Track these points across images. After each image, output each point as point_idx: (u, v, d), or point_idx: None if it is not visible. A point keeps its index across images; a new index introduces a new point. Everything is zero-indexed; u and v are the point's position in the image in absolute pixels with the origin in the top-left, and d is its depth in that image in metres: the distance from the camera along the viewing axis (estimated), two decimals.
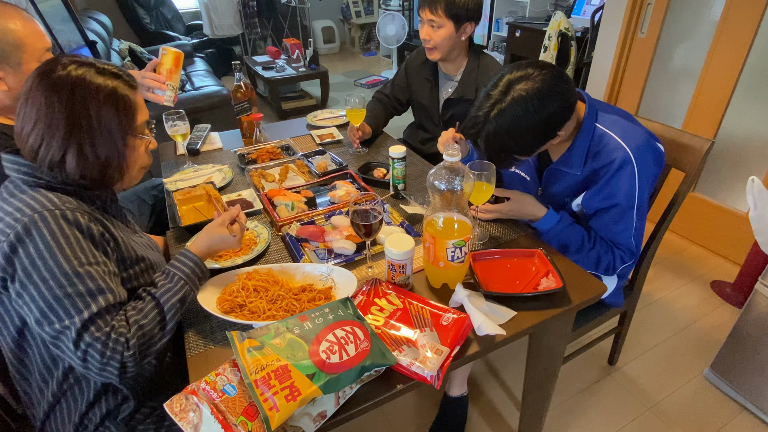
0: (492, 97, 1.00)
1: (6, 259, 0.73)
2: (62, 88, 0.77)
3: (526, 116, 0.98)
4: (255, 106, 1.74)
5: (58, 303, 0.73)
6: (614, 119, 1.11)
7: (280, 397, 0.67)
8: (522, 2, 4.18)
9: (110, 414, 0.90)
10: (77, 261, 0.75)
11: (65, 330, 0.73)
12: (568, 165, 1.14)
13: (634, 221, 1.11)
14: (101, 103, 0.79)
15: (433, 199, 0.96)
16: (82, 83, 0.78)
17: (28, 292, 0.74)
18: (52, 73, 0.78)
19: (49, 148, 0.78)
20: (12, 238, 0.73)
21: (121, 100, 0.81)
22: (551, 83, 0.98)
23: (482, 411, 1.56)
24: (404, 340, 0.85)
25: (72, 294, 0.74)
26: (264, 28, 5.58)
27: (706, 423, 1.50)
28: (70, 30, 2.45)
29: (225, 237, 0.95)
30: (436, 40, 1.58)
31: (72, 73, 0.78)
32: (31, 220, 0.74)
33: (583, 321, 1.33)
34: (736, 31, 1.96)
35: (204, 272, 0.91)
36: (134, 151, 0.87)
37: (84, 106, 0.78)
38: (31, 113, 0.78)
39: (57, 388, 0.87)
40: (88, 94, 0.78)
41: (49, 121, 0.77)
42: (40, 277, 0.73)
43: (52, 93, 0.77)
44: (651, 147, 1.08)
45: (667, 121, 2.27)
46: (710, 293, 2.04)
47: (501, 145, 1.03)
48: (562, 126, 1.03)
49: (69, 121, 0.77)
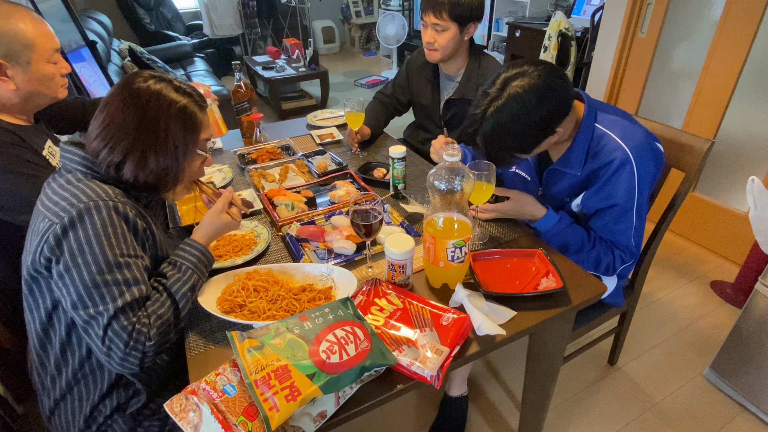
0: (489, 95, 1.01)
1: (56, 241, 0.78)
2: (139, 97, 0.83)
3: (523, 112, 0.98)
4: (255, 106, 1.74)
5: (96, 288, 0.77)
6: (613, 119, 1.11)
7: (280, 397, 0.67)
8: (522, 2, 4.19)
9: (120, 407, 0.92)
10: (119, 251, 0.80)
11: (98, 316, 0.77)
12: (567, 165, 1.14)
13: (633, 221, 1.11)
14: (171, 117, 0.85)
15: (433, 199, 0.96)
16: (158, 96, 0.84)
17: (70, 274, 0.77)
18: (133, 83, 0.84)
19: (113, 150, 0.83)
20: (66, 221, 0.77)
21: (189, 116, 0.87)
22: (547, 80, 0.98)
23: (482, 411, 1.56)
24: (404, 340, 0.85)
25: (110, 281, 0.78)
26: (264, 28, 5.58)
27: (706, 423, 1.50)
28: (70, 30, 2.45)
29: (228, 222, 0.99)
30: (440, 42, 1.57)
31: (152, 87, 0.84)
32: (86, 207, 0.78)
33: (583, 321, 1.33)
34: (736, 31, 1.96)
35: (210, 259, 0.94)
36: (191, 164, 0.91)
37: (155, 117, 0.83)
38: (105, 116, 0.83)
39: (72, 376, 0.89)
40: (161, 107, 0.84)
41: (121, 125, 0.82)
42: (84, 261, 0.77)
43: (130, 100, 0.83)
44: (650, 147, 1.08)
45: (667, 121, 2.27)
46: (710, 293, 2.04)
47: (499, 142, 1.03)
48: (560, 122, 1.03)
49: (139, 129, 0.82)
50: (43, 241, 0.78)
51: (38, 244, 0.79)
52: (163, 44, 4.37)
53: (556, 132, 1.04)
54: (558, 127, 1.03)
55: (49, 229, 0.78)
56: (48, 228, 0.78)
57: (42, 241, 0.79)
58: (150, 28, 4.88)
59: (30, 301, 0.87)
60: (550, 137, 1.05)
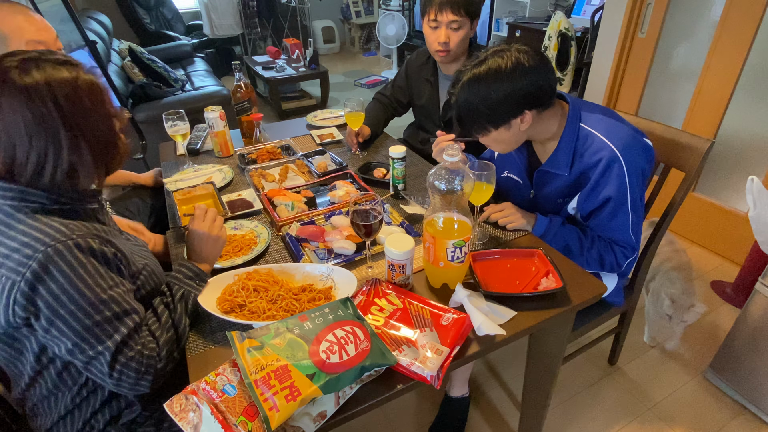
0: (472, 62, 1.07)
1: (27, 299, 0.71)
2: (40, 93, 0.71)
3: (497, 80, 1.03)
4: (255, 106, 1.74)
5: (89, 332, 0.74)
6: (598, 118, 1.12)
7: (280, 397, 0.67)
8: (522, 2, 4.19)
9: (113, 419, 0.91)
10: (99, 288, 0.75)
11: (98, 356, 0.75)
12: (555, 166, 1.16)
13: (629, 216, 1.11)
14: (85, 94, 0.75)
15: (433, 199, 0.96)
16: (59, 82, 0.73)
17: (56, 326, 0.73)
18: (14, 82, 0.70)
19: (59, 160, 0.74)
20: (29, 277, 0.70)
21: (94, 85, 0.77)
22: (527, 63, 1.02)
23: (482, 411, 1.56)
24: (404, 340, 0.85)
25: (101, 321, 0.75)
26: (264, 28, 5.58)
27: (706, 423, 1.50)
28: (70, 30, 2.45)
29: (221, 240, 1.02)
30: (455, 41, 1.54)
31: (39, 77, 0.71)
32: (45, 256, 0.71)
33: (583, 321, 1.33)
34: (736, 31, 1.96)
35: (195, 272, 0.94)
36: (116, 128, 0.83)
37: (72, 104, 0.73)
38: (16, 133, 0.71)
39: (70, 401, 0.87)
40: (71, 91, 0.73)
41: (48, 133, 0.72)
42: (67, 311, 0.73)
43: (34, 103, 0.70)
44: (638, 143, 1.09)
45: (667, 121, 2.27)
46: (710, 293, 2.03)
47: (470, 104, 1.06)
48: (531, 106, 1.05)
49: (68, 124, 0.73)
50: (11, 301, 0.71)
51: (6, 306, 0.72)
52: (163, 44, 4.36)
53: (525, 114, 1.05)
54: (528, 111, 1.05)
55: (12, 288, 0.71)
56: (11, 287, 0.71)
57: (10, 302, 0.72)
58: (150, 28, 4.88)
59: (11, 352, 0.82)
60: (519, 119, 1.06)
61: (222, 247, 1.03)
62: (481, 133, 1.12)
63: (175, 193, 1.34)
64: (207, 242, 0.99)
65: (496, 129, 1.08)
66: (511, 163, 1.31)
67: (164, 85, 3.22)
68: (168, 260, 1.17)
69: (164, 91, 3.09)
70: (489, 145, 1.17)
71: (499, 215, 1.20)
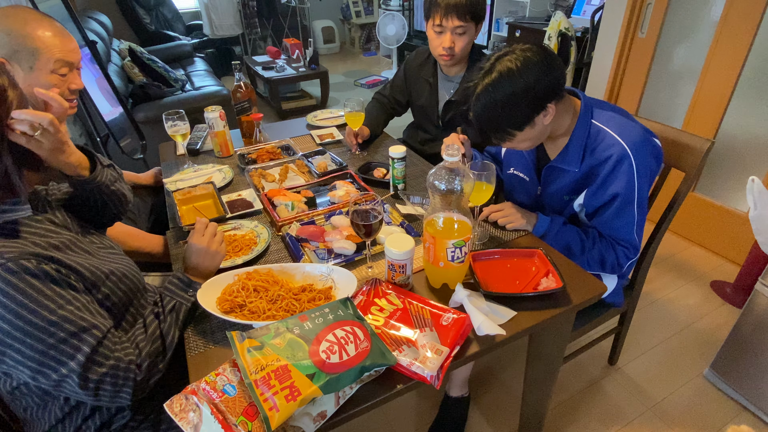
0: (482, 69, 1.06)
1: None
2: None
3: (512, 84, 1.01)
4: (255, 106, 1.74)
5: (46, 357, 0.69)
6: (610, 115, 1.11)
7: (280, 397, 0.67)
8: (522, 2, 4.18)
9: (104, 425, 0.90)
10: (47, 310, 0.70)
11: (65, 378, 0.71)
12: (565, 162, 1.15)
13: (635, 216, 1.11)
14: None
15: (433, 199, 0.96)
16: None
17: (9, 356, 0.69)
18: None
19: None
20: None
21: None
22: (536, 55, 1.02)
23: (482, 411, 1.56)
24: (404, 340, 0.85)
25: (56, 343, 0.70)
26: (264, 28, 5.58)
27: (706, 423, 1.50)
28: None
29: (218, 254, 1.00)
30: (460, 46, 1.53)
31: None
32: None
33: (583, 321, 1.33)
34: (736, 31, 1.96)
35: (186, 282, 0.94)
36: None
37: None
38: None
39: (59, 412, 0.87)
40: None
41: None
42: (15, 339, 0.68)
43: None
44: (648, 142, 1.09)
45: (667, 121, 2.27)
46: (710, 293, 2.03)
47: (491, 114, 1.05)
48: (551, 99, 1.04)
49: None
50: None
51: None
52: (163, 44, 4.37)
53: (547, 109, 1.04)
54: (549, 104, 1.04)
55: None
56: None
57: None
58: (150, 28, 4.88)
59: None
60: (542, 114, 1.05)
61: (220, 261, 1.02)
62: (506, 139, 1.10)
63: (175, 193, 1.34)
64: (205, 257, 0.98)
65: (520, 131, 1.07)
66: (519, 160, 1.31)
67: (164, 85, 3.22)
68: (168, 260, 1.17)
69: (164, 91, 3.09)
70: (514, 147, 1.14)
71: (499, 215, 1.20)
